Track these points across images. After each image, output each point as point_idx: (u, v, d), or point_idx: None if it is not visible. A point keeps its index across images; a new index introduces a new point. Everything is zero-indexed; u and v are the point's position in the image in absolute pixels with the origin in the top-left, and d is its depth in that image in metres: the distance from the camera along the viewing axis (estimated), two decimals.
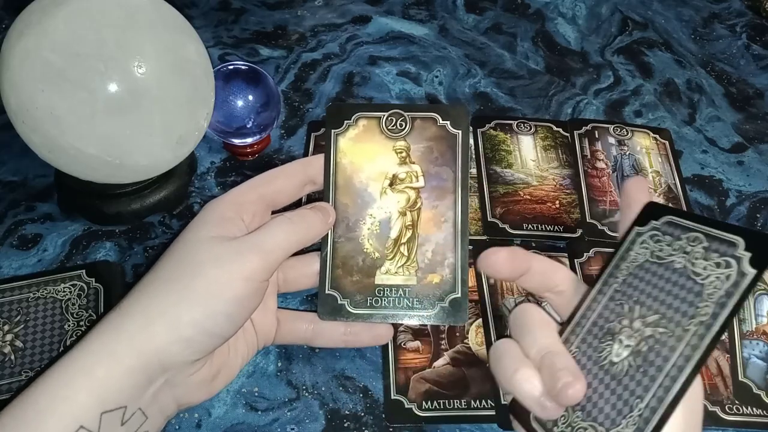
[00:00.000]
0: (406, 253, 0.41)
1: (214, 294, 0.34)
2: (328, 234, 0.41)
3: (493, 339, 0.46)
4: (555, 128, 0.60)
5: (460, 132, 0.42)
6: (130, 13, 0.42)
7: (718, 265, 0.30)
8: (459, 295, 0.40)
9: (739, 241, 0.30)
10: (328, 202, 0.41)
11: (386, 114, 0.42)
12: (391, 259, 0.41)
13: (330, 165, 0.42)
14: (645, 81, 0.67)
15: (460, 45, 0.69)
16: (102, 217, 0.51)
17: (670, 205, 0.46)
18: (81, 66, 0.40)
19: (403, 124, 0.42)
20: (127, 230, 0.51)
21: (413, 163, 0.42)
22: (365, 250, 0.41)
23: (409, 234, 0.41)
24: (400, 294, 0.40)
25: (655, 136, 0.60)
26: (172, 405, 0.36)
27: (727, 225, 0.31)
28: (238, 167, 0.56)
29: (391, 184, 0.42)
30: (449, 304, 0.40)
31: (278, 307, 0.42)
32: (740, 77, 0.68)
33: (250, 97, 0.53)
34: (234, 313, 0.34)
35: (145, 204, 0.50)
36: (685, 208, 0.55)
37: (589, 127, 0.60)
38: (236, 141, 0.55)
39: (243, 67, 0.54)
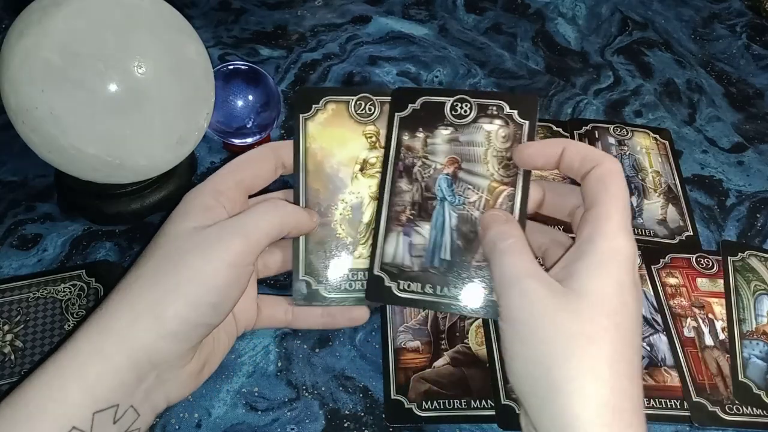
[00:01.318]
0: None
1: (199, 284, 0.33)
2: None
3: (493, 339, 0.46)
4: (555, 128, 0.60)
5: None
6: (130, 13, 0.42)
7: None
8: None
9: None
10: (299, 187, 0.41)
11: (354, 98, 0.42)
12: (363, 243, 0.41)
13: (299, 150, 0.41)
14: (645, 81, 0.67)
15: (460, 45, 0.69)
16: (102, 217, 0.51)
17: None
18: (81, 66, 0.40)
19: (372, 108, 0.42)
20: (127, 230, 0.51)
21: (383, 147, 0.42)
22: (338, 235, 0.41)
23: None
24: None
25: (655, 136, 0.60)
26: (163, 401, 0.36)
27: None
28: None
29: (361, 169, 0.41)
30: None
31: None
32: (740, 77, 0.68)
33: (250, 97, 0.53)
34: (219, 302, 0.34)
35: (145, 204, 0.50)
36: (685, 209, 0.55)
37: (589, 127, 0.60)
38: (236, 141, 0.55)
39: (243, 67, 0.54)
